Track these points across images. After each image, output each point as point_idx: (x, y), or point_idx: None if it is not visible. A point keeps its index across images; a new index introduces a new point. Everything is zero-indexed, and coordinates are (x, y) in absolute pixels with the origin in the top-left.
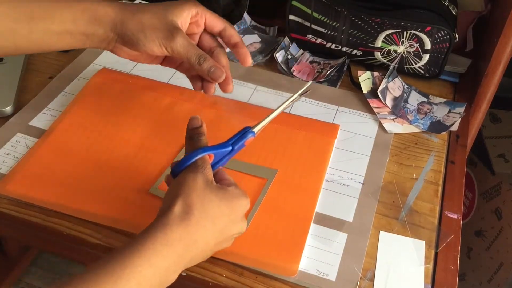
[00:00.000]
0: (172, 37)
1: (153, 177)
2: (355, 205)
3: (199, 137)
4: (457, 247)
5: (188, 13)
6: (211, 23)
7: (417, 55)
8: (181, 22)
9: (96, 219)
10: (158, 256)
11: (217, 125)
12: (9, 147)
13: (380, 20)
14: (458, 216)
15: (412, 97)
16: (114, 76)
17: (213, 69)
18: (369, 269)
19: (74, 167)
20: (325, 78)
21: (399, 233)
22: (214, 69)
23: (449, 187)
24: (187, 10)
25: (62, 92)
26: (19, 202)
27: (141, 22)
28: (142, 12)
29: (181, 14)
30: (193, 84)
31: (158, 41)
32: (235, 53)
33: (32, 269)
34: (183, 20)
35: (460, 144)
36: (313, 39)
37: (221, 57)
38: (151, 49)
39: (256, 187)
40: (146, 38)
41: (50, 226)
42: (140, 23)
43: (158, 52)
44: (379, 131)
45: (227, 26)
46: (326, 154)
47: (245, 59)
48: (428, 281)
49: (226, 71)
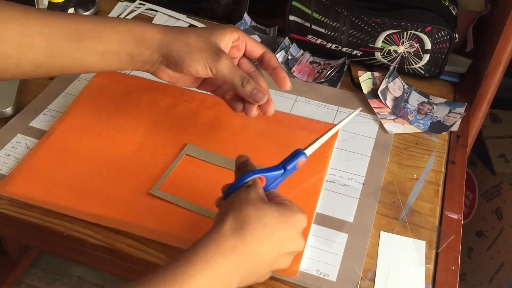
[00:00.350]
0: (218, 58)
1: (154, 178)
2: (355, 206)
3: (248, 164)
4: (457, 247)
5: (230, 37)
6: (251, 48)
7: (417, 55)
8: (223, 45)
9: (96, 219)
10: (213, 265)
11: (217, 125)
12: (9, 148)
13: (380, 20)
14: (458, 216)
15: (412, 97)
16: (115, 77)
17: (255, 91)
18: (370, 269)
19: (75, 168)
20: (325, 78)
21: (399, 233)
22: (257, 91)
23: (450, 187)
24: (229, 34)
25: (63, 93)
26: (20, 202)
27: (188, 44)
28: (187, 34)
29: (223, 37)
30: (233, 106)
31: (203, 62)
32: (274, 76)
33: (32, 270)
34: (225, 43)
35: (461, 144)
36: (313, 39)
37: (260, 80)
38: (195, 70)
39: None
40: (192, 59)
41: (50, 227)
42: (186, 45)
43: (202, 73)
44: (379, 131)
45: (266, 51)
46: (326, 154)
47: (283, 82)
48: (428, 282)
49: (267, 94)
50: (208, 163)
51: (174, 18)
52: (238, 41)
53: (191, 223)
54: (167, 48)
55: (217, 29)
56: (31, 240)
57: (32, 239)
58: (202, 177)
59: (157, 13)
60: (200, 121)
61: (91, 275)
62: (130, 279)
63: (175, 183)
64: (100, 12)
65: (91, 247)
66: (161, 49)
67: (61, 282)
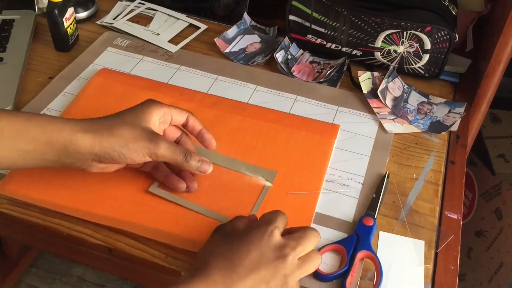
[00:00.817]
0: (155, 145)
1: (153, 177)
2: (355, 205)
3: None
4: (457, 247)
5: (157, 116)
6: (176, 118)
7: (417, 55)
8: (153, 126)
9: (96, 219)
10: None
11: (217, 124)
12: None
13: (380, 20)
14: (458, 216)
15: (412, 97)
16: (114, 76)
17: (200, 163)
18: (369, 269)
19: (74, 167)
20: (325, 78)
21: (399, 233)
22: (201, 163)
23: (449, 187)
24: (156, 113)
25: (62, 92)
26: (19, 202)
27: (121, 136)
28: (119, 127)
29: (151, 118)
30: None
31: (141, 151)
32: (200, 138)
33: (32, 270)
34: (154, 123)
35: (460, 144)
36: (313, 39)
37: (188, 144)
38: (132, 159)
39: (256, 188)
40: (129, 151)
41: (50, 226)
42: (121, 139)
43: (140, 161)
44: (379, 131)
45: (189, 116)
46: (326, 154)
47: (209, 143)
48: (428, 281)
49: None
50: None
51: (174, 17)
52: (164, 116)
53: (191, 222)
54: (99, 148)
55: (143, 112)
56: (30, 240)
57: (32, 239)
58: (201, 175)
59: (156, 12)
60: (200, 120)
61: (91, 275)
62: (130, 279)
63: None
64: (100, 12)
65: (91, 247)
66: (92, 151)
67: (61, 281)
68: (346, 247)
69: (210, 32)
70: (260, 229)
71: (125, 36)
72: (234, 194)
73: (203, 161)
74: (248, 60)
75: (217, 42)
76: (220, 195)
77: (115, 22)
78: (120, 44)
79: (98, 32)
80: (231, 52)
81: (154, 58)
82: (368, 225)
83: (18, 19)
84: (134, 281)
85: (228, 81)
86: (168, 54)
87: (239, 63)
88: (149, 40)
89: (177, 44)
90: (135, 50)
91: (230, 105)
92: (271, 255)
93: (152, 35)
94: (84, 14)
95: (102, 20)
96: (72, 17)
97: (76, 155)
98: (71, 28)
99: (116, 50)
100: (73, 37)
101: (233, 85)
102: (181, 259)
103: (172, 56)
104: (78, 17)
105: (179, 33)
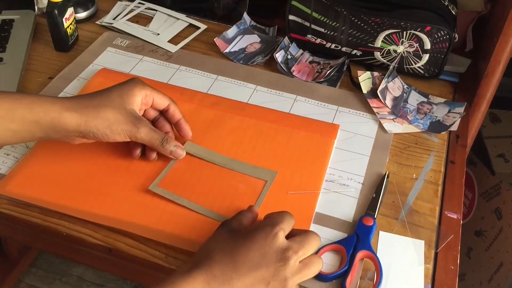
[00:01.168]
0: (136, 129)
1: (153, 176)
2: (355, 205)
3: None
4: (457, 247)
5: (139, 97)
6: (157, 101)
7: (417, 55)
8: (136, 107)
9: (96, 219)
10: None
11: (217, 124)
12: (9, 147)
13: (380, 20)
14: (458, 216)
15: (412, 97)
16: (114, 76)
17: (174, 148)
18: (369, 269)
19: (74, 167)
20: (325, 78)
21: (399, 233)
22: (176, 149)
23: (449, 187)
24: (138, 95)
25: (62, 92)
26: (19, 202)
27: (106, 118)
28: (105, 109)
29: (134, 100)
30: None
31: (123, 133)
32: (178, 127)
33: (32, 270)
34: (136, 105)
35: (460, 144)
36: (313, 39)
37: (165, 124)
38: (114, 139)
39: (256, 188)
40: (112, 132)
41: (50, 226)
42: (106, 120)
43: (121, 140)
44: (379, 131)
45: (171, 104)
46: (326, 154)
47: (186, 135)
48: (428, 281)
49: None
50: (207, 162)
51: (174, 17)
52: (146, 98)
53: (190, 222)
54: (85, 127)
55: (127, 94)
56: (30, 240)
57: (32, 238)
58: (200, 175)
59: (156, 12)
60: (200, 120)
61: (90, 275)
62: (129, 279)
63: (174, 180)
64: (99, 12)
65: (91, 247)
66: (78, 129)
67: (60, 281)
68: (346, 247)
69: (210, 32)
70: (265, 229)
71: (125, 36)
72: (234, 194)
73: (178, 146)
74: (248, 60)
75: (217, 42)
76: (220, 195)
77: (114, 22)
78: (120, 44)
79: (98, 32)
80: (231, 52)
81: (154, 58)
82: (368, 225)
83: (18, 19)
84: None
85: (228, 81)
86: (168, 54)
87: (239, 63)
88: (149, 40)
89: (177, 44)
90: (134, 50)
91: (230, 105)
92: (274, 256)
93: (152, 35)
94: (84, 14)
95: (102, 20)
96: (72, 17)
97: (63, 132)
98: (71, 28)
99: (116, 50)
100: (73, 37)
101: (233, 85)
102: (181, 259)
103: (172, 56)
104: (78, 17)
105: (179, 33)
